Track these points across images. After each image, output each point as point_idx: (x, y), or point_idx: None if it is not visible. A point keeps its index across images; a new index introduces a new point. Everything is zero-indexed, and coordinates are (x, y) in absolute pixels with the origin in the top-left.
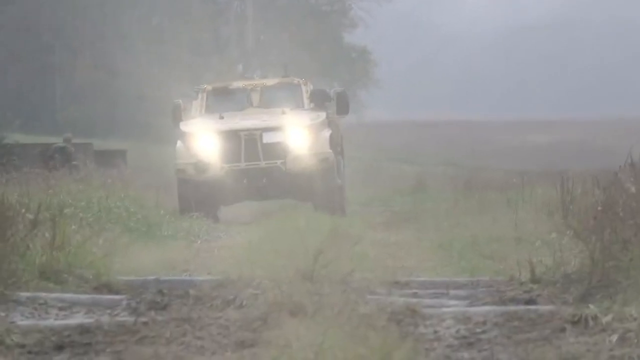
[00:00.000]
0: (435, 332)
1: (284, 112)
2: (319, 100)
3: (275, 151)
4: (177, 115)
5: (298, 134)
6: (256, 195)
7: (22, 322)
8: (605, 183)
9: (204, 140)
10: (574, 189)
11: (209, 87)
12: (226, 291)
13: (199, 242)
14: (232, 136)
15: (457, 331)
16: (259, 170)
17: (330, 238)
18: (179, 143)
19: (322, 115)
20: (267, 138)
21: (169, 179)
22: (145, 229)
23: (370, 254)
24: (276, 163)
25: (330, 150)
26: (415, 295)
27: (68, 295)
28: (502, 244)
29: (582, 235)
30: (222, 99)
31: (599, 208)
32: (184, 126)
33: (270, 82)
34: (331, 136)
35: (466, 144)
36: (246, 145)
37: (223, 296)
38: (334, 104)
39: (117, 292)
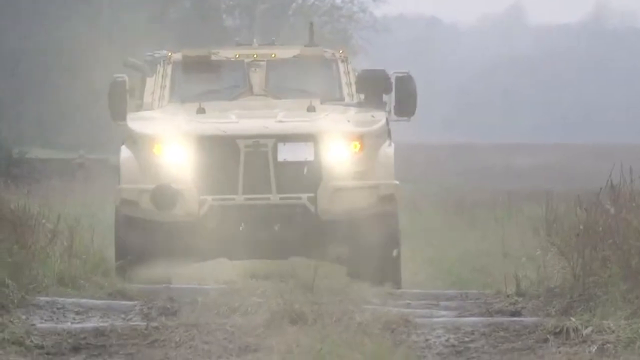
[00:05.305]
0: (426, 340)
1: (312, 108)
2: (372, 88)
3: (298, 177)
4: (119, 103)
5: (340, 149)
6: (258, 252)
7: (41, 325)
8: (586, 204)
9: (171, 150)
10: (558, 208)
11: (177, 56)
12: (232, 299)
13: None
14: (223, 146)
15: (447, 340)
16: (268, 210)
17: None
18: (124, 152)
19: (382, 116)
20: (286, 153)
21: None
22: None
23: None
24: (300, 199)
25: (397, 182)
26: (408, 305)
27: (84, 301)
28: (490, 259)
29: (565, 252)
30: (200, 79)
31: (581, 227)
32: (134, 123)
33: (286, 52)
34: (396, 153)
35: (457, 165)
36: (247, 163)
37: (229, 303)
38: (390, 97)
39: (130, 298)
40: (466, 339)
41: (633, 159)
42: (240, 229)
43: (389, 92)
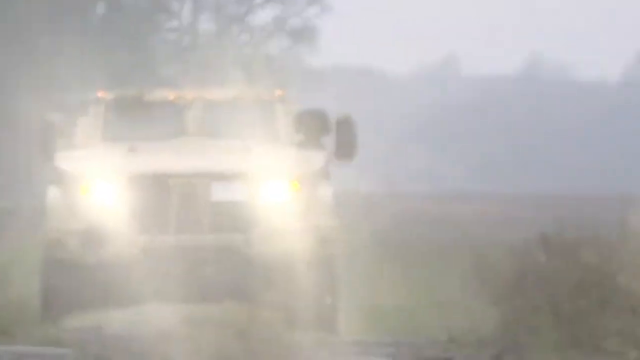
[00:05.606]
0: None
1: (248, 148)
2: (311, 129)
3: (232, 218)
4: (49, 144)
5: (277, 190)
6: (191, 295)
7: None
8: (518, 252)
9: (101, 189)
10: (491, 256)
11: (110, 96)
12: (165, 346)
13: None
14: (155, 185)
15: None
16: (200, 250)
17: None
18: (51, 192)
19: (320, 156)
20: (220, 193)
21: None
22: None
23: None
24: (234, 240)
25: (337, 223)
26: (341, 353)
27: (17, 348)
28: (423, 307)
29: (496, 300)
30: (134, 119)
31: (512, 276)
32: (64, 162)
33: (222, 93)
34: (334, 196)
35: (390, 214)
36: (180, 203)
37: (162, 350)
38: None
39: (63, 346)
40: None
41: (566, 208)
42: (172, 269)
43: (329, 133)
